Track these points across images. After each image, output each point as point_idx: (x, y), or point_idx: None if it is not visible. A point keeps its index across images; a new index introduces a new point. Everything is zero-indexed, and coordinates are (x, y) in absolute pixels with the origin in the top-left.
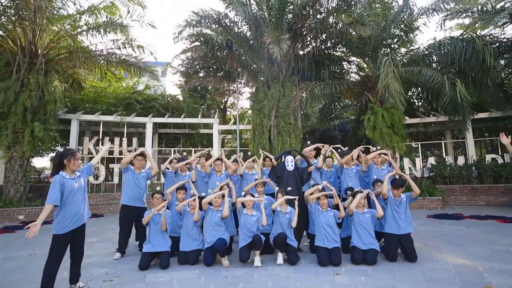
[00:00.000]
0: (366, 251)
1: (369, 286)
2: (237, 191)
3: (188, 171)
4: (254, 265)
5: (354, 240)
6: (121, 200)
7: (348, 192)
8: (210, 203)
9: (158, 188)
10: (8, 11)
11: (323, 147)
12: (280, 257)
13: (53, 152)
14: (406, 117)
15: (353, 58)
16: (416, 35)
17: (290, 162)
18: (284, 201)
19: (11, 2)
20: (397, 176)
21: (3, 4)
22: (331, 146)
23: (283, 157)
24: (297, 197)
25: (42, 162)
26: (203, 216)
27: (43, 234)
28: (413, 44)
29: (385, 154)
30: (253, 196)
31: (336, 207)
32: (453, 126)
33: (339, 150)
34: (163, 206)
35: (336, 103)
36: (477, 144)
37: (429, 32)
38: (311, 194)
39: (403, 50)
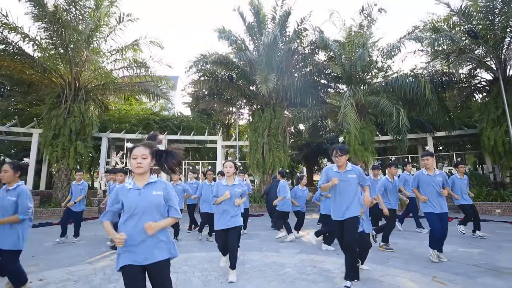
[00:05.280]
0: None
1: None
2: None
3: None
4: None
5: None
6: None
7: None
8: None
9: None
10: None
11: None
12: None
13: (91, 165)
14: (379, 135)
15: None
16: (385, 67)
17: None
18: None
19: (65, 51)
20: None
21: (61, 53)
22: None
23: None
24: None
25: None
26: None
27: None
28: (377, 77)
29: None
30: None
31: None
32: (419, 142)
33: None
34: None
35: (327, 120)
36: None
37: (396, 66)
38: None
39: (375, 80)
